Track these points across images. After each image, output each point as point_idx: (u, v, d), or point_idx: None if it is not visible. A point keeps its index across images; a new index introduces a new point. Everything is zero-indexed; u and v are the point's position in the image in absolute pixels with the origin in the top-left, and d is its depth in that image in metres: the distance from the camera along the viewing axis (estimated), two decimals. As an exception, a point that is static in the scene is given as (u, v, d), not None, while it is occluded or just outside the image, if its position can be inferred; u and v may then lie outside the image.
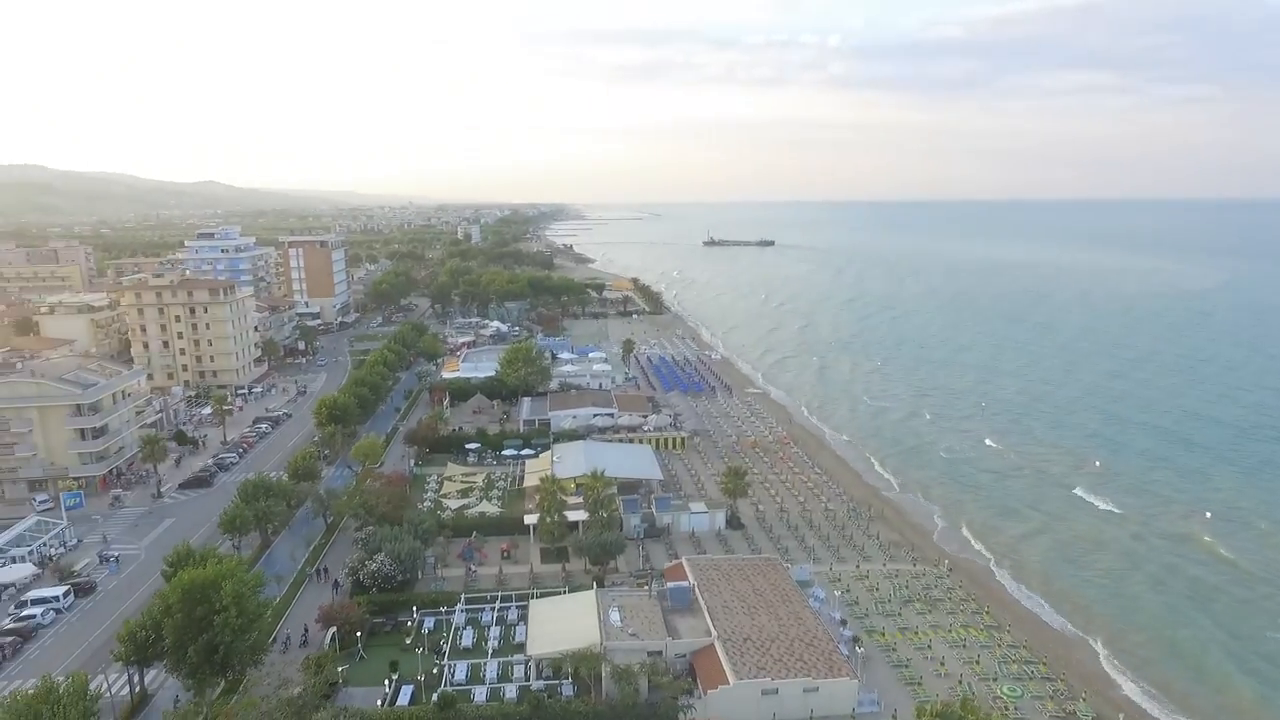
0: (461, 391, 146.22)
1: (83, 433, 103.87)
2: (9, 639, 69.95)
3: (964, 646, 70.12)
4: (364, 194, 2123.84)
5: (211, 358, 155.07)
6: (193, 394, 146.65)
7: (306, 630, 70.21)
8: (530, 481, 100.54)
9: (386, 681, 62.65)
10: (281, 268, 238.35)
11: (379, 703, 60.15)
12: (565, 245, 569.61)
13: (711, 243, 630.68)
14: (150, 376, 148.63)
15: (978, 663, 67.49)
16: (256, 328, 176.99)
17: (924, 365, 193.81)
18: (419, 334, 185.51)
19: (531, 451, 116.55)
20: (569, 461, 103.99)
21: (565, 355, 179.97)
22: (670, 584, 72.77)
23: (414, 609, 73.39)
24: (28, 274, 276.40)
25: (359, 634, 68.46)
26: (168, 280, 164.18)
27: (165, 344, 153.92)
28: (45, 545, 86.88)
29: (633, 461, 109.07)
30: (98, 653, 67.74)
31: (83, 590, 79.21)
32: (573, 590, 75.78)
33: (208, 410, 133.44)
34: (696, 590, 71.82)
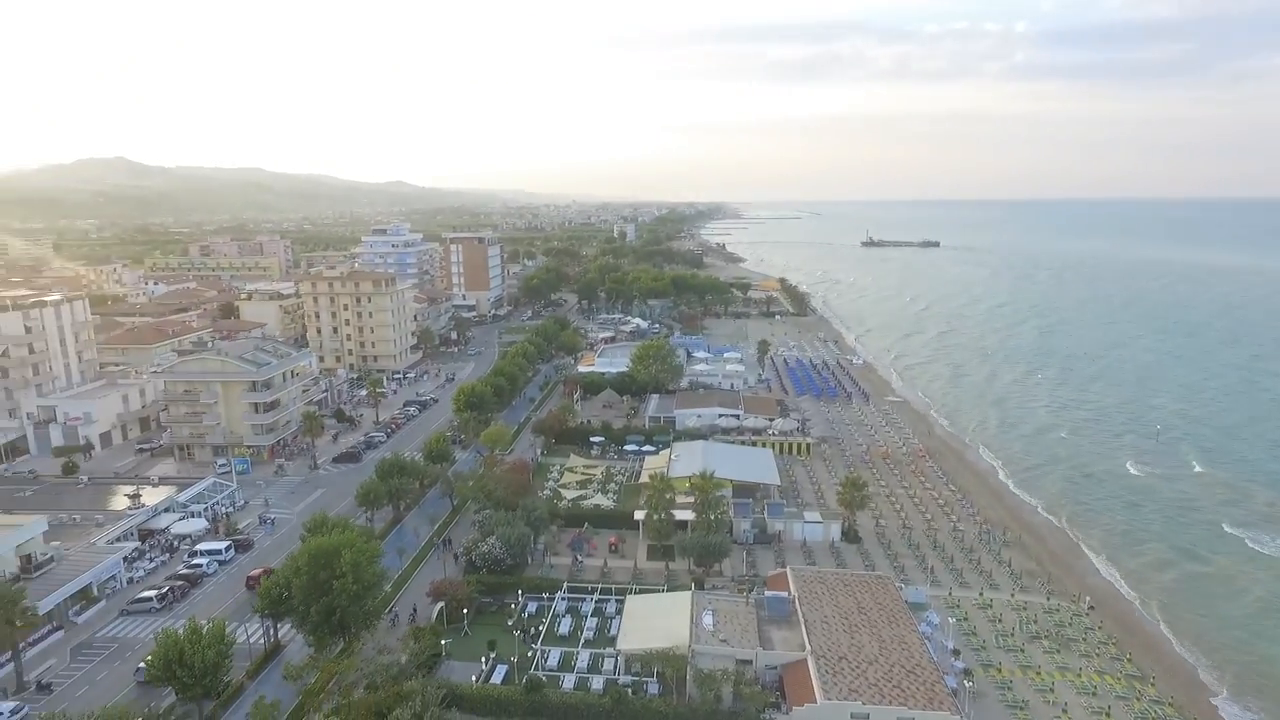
0: (594, 385, 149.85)
1: (256, 406, 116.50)
2: (179, 583, 79.95)
3: (1094, 694, 63.23)
4: (532, 192, 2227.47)
5: (372, 344, 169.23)
6: (355, 376, 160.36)
7: (415, 610, 74.21)
8: (646, 478, 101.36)
9: (484, 659, 65.64)
10: (444, 262, 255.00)
11: (474, 678, 63.08)
12: (718, 244, 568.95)
13: (870, 243, 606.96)
14: (321, 359, 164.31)
15: (1108, 714, 60.66)
16: (416, 317, 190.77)
17: (1076, 377, 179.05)
18: (561, 328, 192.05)
19: (652, 448, 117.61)
20: (686, 460, 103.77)
21: (700, 354, 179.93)
22: (769, 593, 70.96)
23: (519, 592, 76.29)
24: (238, 264, 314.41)
25: (465, 611, 72.01)
26: (339, 272, 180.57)
27: (335, 330, 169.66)
28: (218, 504, 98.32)
29: (751, 465, 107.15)
30: (245, 603, 75.72)
31: (242, 546, 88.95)
32: (671, 589, 75.79)
33: (364, 392, 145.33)
34: (796, 602, 69.52)
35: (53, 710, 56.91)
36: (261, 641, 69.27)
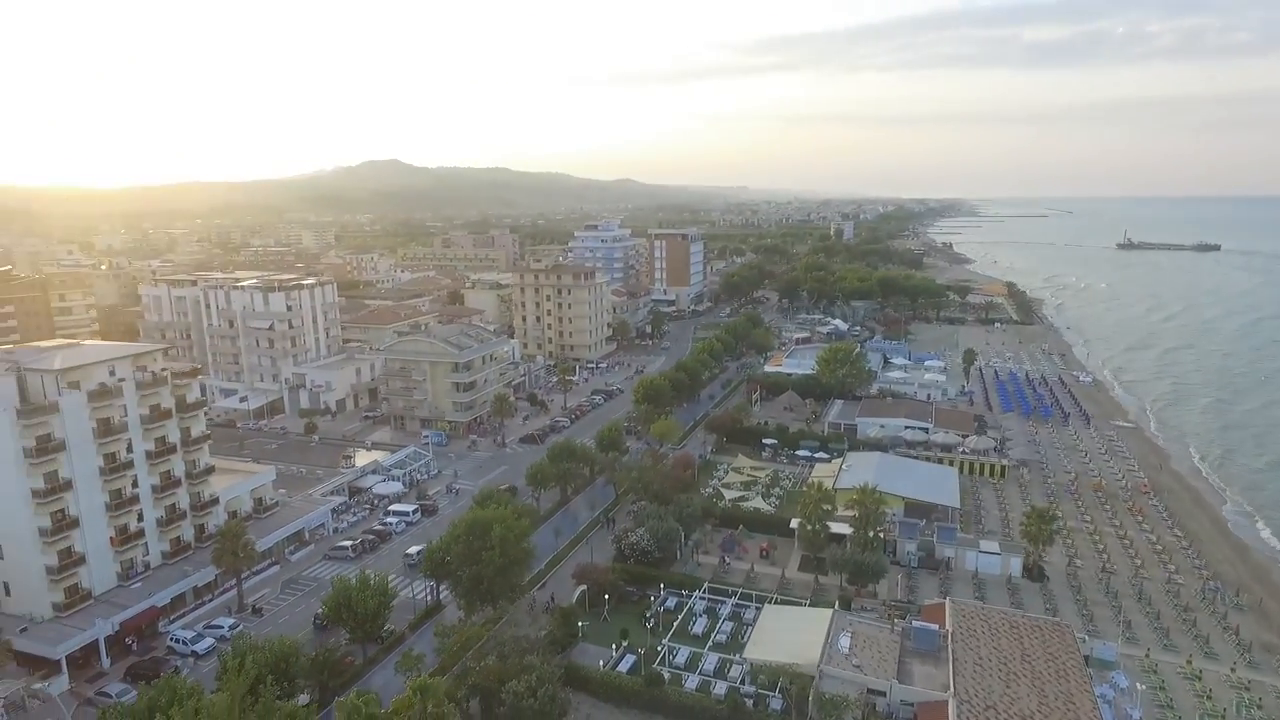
0: (777, 386, 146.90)
1: (457, 386, 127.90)
2: (371, 537, 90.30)
3: (1324, 807, 51.42)
4: (755, 189, 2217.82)
5: (570, 333, 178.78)
6: (551, 363, 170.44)
7: (553, 596, 77.07)
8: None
9: (614, 647, 67.21)
10: (648, 257, 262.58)
11: (601, 663, 64.83)
12: (944, 244, 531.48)
13: (1128, 245, 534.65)
14: (525, 345, 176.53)
15: (1339, 834, 49.05)
16: (614, 310, 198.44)
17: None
18: (753, 326, 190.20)
19: (825, 455, 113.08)
20: (858, 471, 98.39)
21: (898, 360, 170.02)
22: (918, 623, 65.53)
23: (661, 586, 77.01)
24: (471, 256, 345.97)
25: (606, 597, 74.02)
26: (543, 265, 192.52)
27: (538, 319, 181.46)
28: (415, 471, 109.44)
29: (929, 483, 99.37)
30: (419, 563, 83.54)
31: (428, 511, 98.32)
32: (815, 604, 72.57)
33: (556, 379, 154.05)
34: (949, 637, 63.57)
35: (259, 631, 67.12)
36: (426, 599, 76.19)
